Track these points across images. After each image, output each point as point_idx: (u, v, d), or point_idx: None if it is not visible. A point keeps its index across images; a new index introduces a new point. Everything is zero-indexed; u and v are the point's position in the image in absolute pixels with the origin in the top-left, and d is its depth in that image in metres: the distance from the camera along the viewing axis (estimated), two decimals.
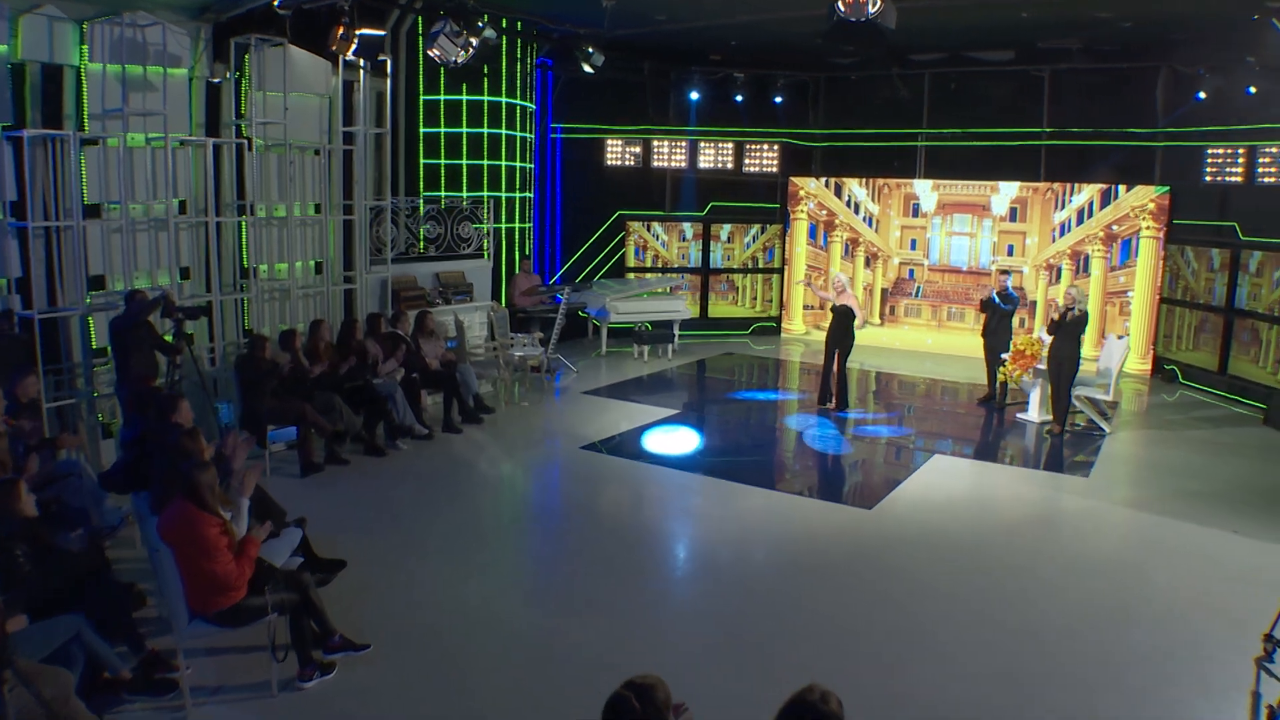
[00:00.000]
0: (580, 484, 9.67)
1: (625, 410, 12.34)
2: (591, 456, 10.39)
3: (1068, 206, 16.01)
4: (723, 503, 9.12)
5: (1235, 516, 9.08)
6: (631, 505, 9.18)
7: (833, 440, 11.42)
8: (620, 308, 15.75)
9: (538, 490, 9.66)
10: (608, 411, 12.27)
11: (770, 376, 15.51)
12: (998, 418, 12.88)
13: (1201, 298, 14.72)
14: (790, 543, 8.21)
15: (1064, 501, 9.50)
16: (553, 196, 17.90)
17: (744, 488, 9.51)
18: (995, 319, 13.02)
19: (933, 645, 6.49)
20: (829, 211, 17.71)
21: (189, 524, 5.03)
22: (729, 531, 8.44)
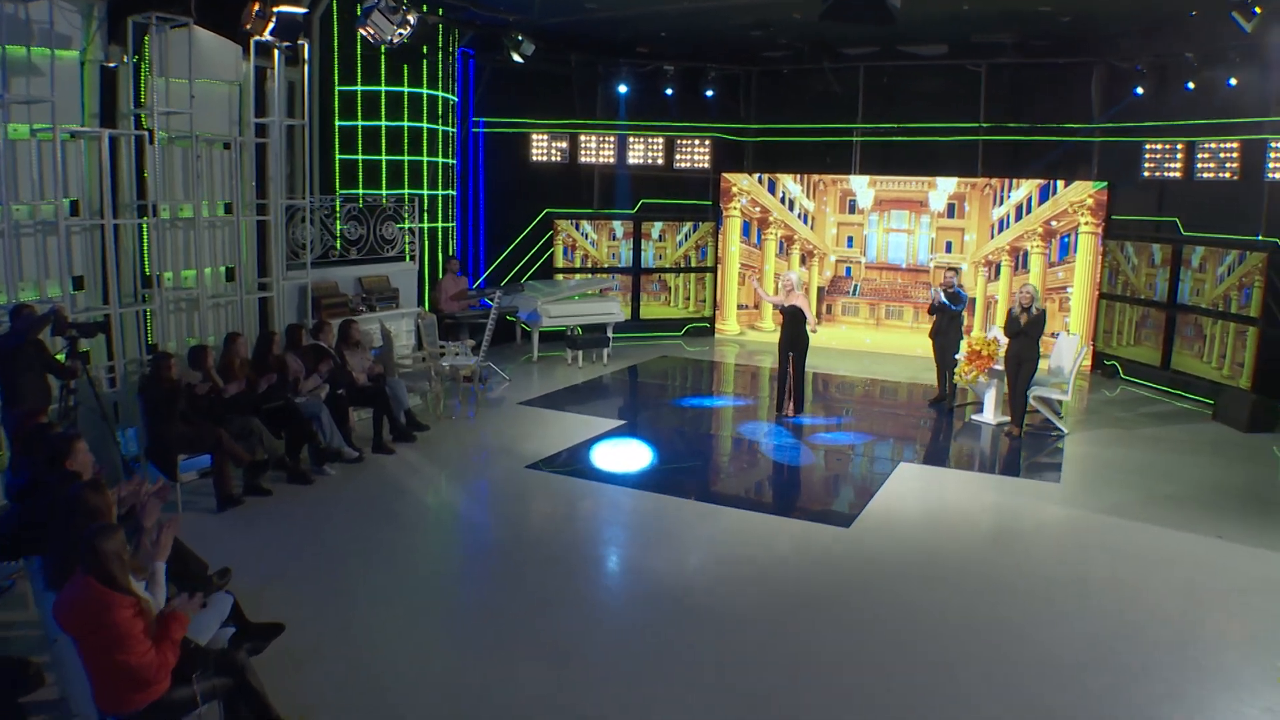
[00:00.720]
0: (529, 510, 8.75)
1: (566, 422, 11.45)
2: (538, 477, 9.46)
3: (1006, 202, 15.61)
4: (690, 526, 8.30)
5: (1216, 520, 8.74)
6: (588, 534, 8.30)
7: (792, 450, 10.70)
8: (552, 311, 14.83)
9: (483, 519, 8.67)
10: (548, 424, 11.36)
11: (711, 381, 14.76)
12: (951, 420, 12.34)
13: (1142, 293, 14.43)
14: (770, 571, 7.42)
15: (1044, 511, 8.93)
16: (476, 194, 16.87)
17: (710, 508, 8.71)
18: (945, 320, 12.46)
19: (949, 687, 5.77)
20: (763, 208, 17.04)
21: (95, 608, 3.96)
22: (701, 560, 7.63)
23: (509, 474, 9.52)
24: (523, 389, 13.14)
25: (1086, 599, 7.04)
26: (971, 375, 11.74)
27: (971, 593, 7.11)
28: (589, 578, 7.36)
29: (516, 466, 9.68)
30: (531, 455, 10.02)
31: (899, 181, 16.23)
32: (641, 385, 14.01)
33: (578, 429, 11.12)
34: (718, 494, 9.20)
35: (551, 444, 10.45)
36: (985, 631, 6.50)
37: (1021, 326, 11.07)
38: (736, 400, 13.20)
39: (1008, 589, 7.18)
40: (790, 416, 11.86)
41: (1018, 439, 11.29)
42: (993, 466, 10.56)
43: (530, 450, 10.19)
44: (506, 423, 11.40)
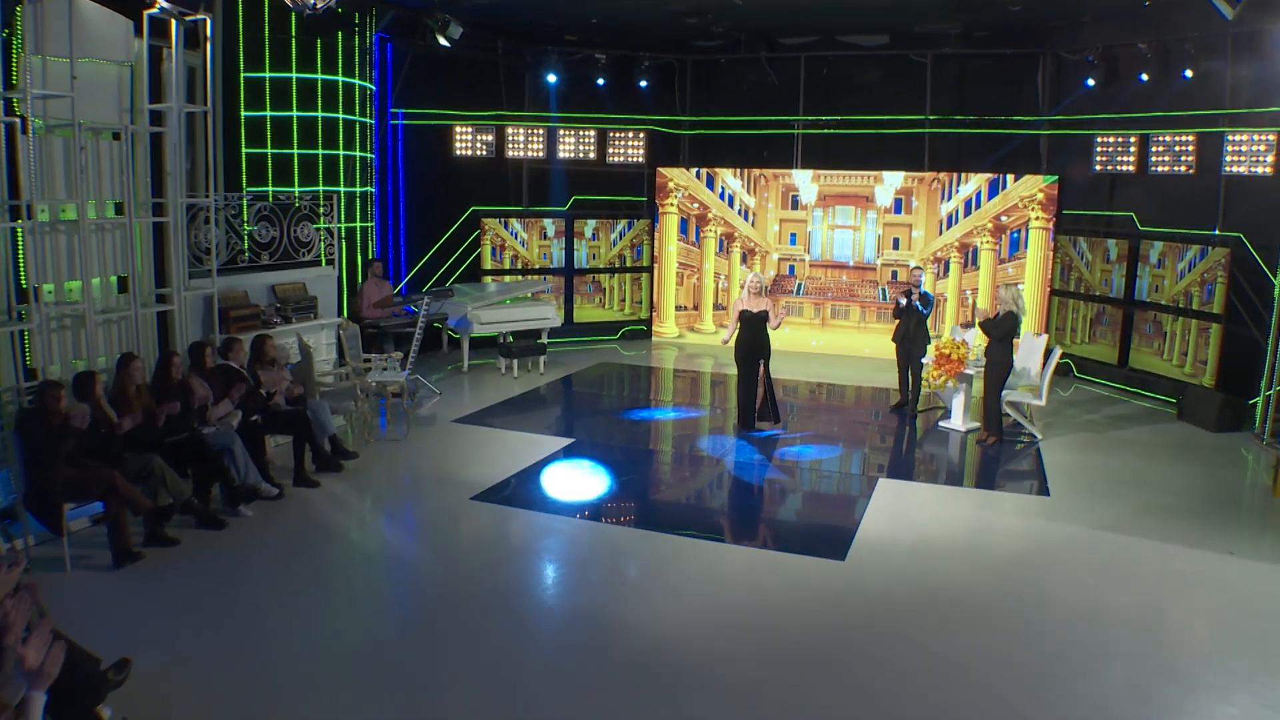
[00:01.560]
0: (478, 553, 7.55)
1: (509, 442, 10.29)
2: (484, 511, 8.29)
3: (955, 197, 14.89)
4: (664, 566, 7.24)
5: (1219, 533, 8.14)
6: (549, 581, 7.17)
7: (761, 468, 9.71)
8: (483, 317, 13.62)
9: (426, 566, 7.42)
10: (489, 445, 10.19)
11: (657, 389, 13.73)
12: (914, 426, 11.52)
13: (1097, 290, 13.83)
14: (766, 618, 6.41)
15: (1042, 530, 8.11)
16: (395, 192, 15.54)
17: (684, 543, 7.66)
18: (913, 323, 11.62)
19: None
20: (701, 205, 16.06)
21: None
22: (684, 608, 6.57)
23: (451, 508, 8.33)
24: (455, 404, 11.93)
25: (1116, 636, 6.21)
26: (941, 380, 10.92)
27: (993, 635, 6.21)
28: (555, 638, 6.25)
29: (459, 498, 8.49)
30: (475, 484, 8.84)
31: (843, 176, 15.41)
32: (584, 396, 12.91)
33: (522, 450, 9.98)
34: (690, 525, 8.14)
35: (495, 469, 9.29)
36: (1019, 681, 5.59)
37: (995, 327, 10.34)
38: (688, 411, 12.16)
39: (1031, 629, 6.29)
40: (760, 431, 10.87)
41: (993, 447, 10.51)
42: (976, 480, 9.74)
43: (473, 478, 9.02)
44: (443, 445, 10.19)
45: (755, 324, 10.74)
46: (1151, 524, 8.29)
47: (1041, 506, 8.73)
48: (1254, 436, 11.25)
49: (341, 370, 10.51)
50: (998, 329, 10.39)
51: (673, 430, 11.32)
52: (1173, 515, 8.54)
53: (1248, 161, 12.26)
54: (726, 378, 14.15)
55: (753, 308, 10.75)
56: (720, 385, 13.93)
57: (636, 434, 11.08)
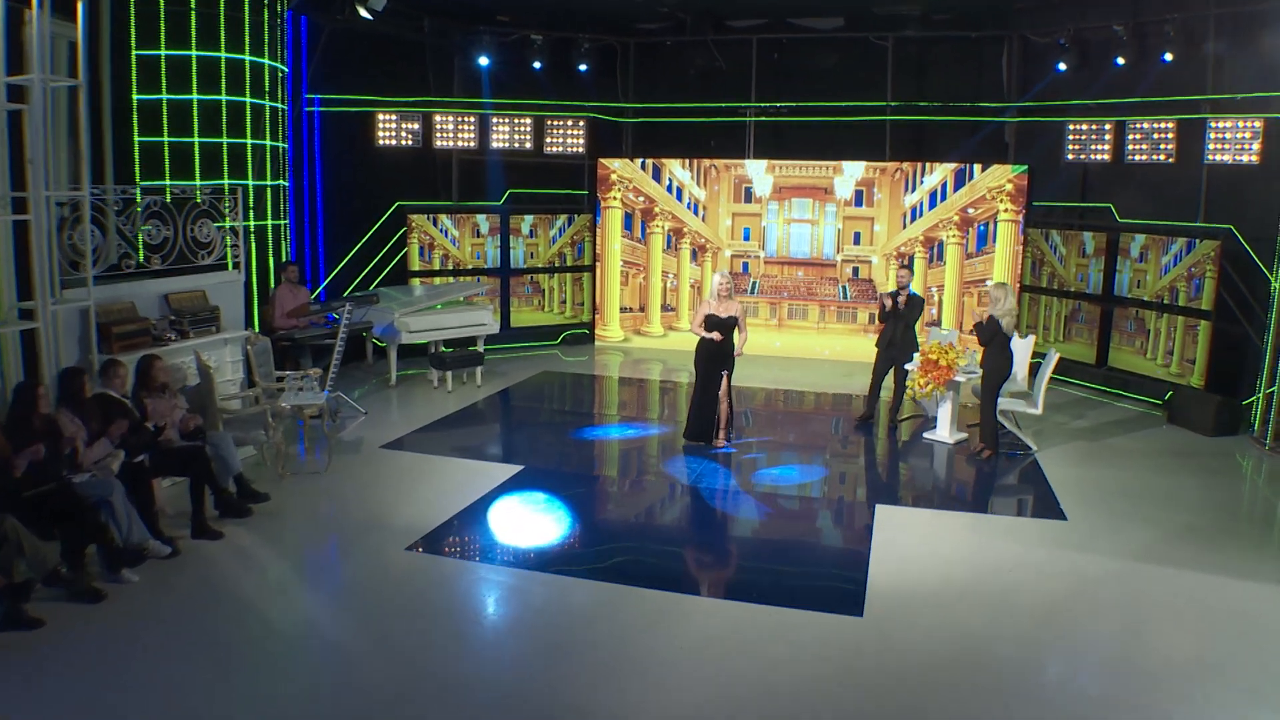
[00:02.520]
0: (421, 624, 6.06)
1: (447, 472, 8.86)
2: (423, 565, 6.84)
3: (919, 188, 13.81)
4: (654, 632, 5.90)
5: (1265, 560, 7.20)
6: (514, 660, 5.75)
7: (739, 496, 8.43)
8: (412, 325, 12.10)
9: (359, 643, 5.87)
10: (424, 476, 8.74)
11: (607, 402, 12.38)
12: (899, 440, 10.36)
13: (1072, 285, 12.87)
14: (785, 695, 5.12)
15: (1078, 564, 6.97)
16: (312, 186, 13.93)
17: (673, 599, 6.33)
18: (899, 328, 10.45)
19: None
20: (647, 198, 14.74)
21: None
22: (689, 686, 5.25)
23: (383, 562, 6.85)
24: (384, 424, 10.43)
25: (1195, 694, 5.07)
26: (929, 388, 9.77)
27: (1055, 703, 5.03)
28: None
29: (392, 549, 7.03)
30: (410, 528, 7.39)
31: (800, 167, 14.22)
32: (527, 412, 11.50)
33: (463, 482, 8.55)
34: (672, 576, 6.82)
35: (433, 508, 7.85)
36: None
37: (991, 332, 9.21)
38: (643, 428, 10.81)
39: (1095, 691, 5.12)
40: (720, 447, 9.63)
41: (989, 461, 9.40)
42: (982, 503, 8.59)
43: (407, 520, 7.56)
44: (370, 477, 8.71)
45: (723, 331, 9.47)
46: (1188, 551, 7.27)
47: (1064, 534, 7.61)
48: (1253, 440, 10.35)
49: (250, 393, 8.93)
50: (989, 333, 9.29)
51: (631, 452, 9.96)
52: (1206, 539, 7.55)
53: (1232, 150, 11.40)
54: (677, 385, 12.92)
55: (721, 312, 9.48)
56: (670, 394, 12.65)
57: (591, 458, 9.71)
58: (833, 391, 12.48)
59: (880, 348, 10.66)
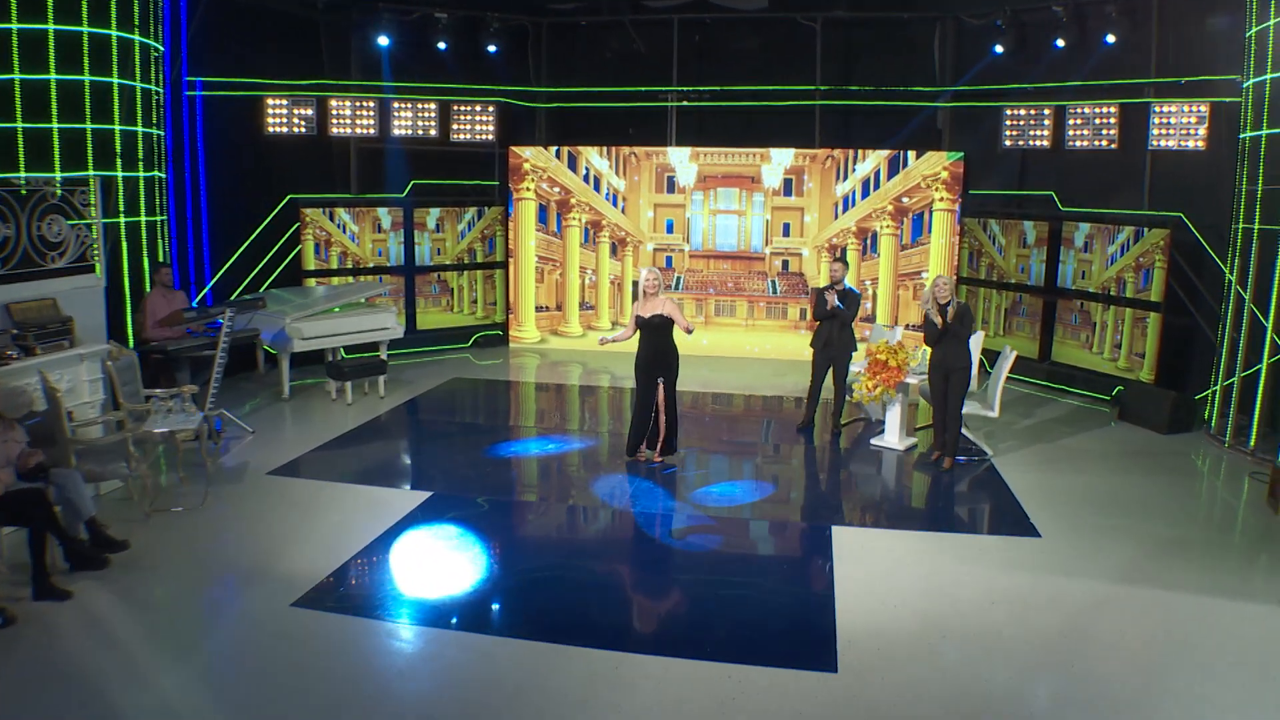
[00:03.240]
0: (313, 703, 4.99)
1: (344, 502, 7.69)
2: (313, 625, 5.68)
3: (851, 177, 13.01)
4: (595, 704, 4.88)
5: (1254, 575, 6.68)
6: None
7: (681, 523, 7.44)
8: (306, 330, 10.83)
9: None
10: (317, 508, 7.56)
11: (524, 412, 11.29)
12: (840, 448, 9.52)
13: (1012, 276, 12.22)
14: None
15: (1064, 591, 6.19)
16: (195, 178, 12.53)
17: (613, 659, 5.30)
18: (835, 326, 9.58)
19: None
20: (563, 189, 13.68)
21: None
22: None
23: (264, 624, 5.67)
24: (273, 445, 9.19)
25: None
26: (877, 392, 8.93)
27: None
28: None
29: (277, 604, 5.86)
30: (298, 577, 6.23)
31: (726, 154, 13.32)
32: (437, 427, 10.35)
33: (362, 513, 7.41)
34: (615, 629, 5.77)
35: (327, 549, 6.70)
36: None
37: (946, 327, 8.38)
38: (566, 441, 9.74)
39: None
40: (656, 462, 8.65)
41: (949, 471, 8.60)
42: (947, 520, 7.76)
43: (295, 566, 6.41)
44: (254, 512, 7.49)
45: (657, 333, 8.48)
46: (1176, 570, 6.59)
47: (1040, 554, 6.82)
48: (1210, 437, 9.78)
49: (112, 417, 7.61)
50: (964, 326, 8.47)
51: (554, 470, 8.87)
52: (1192, 554, 6.91)
53: (1177, 135, 10.84)
54: (598, 390, 11.93)
55: (645, 311, 8.48)
56: (592, 400, 11.67)
57: (510, 480, 8.58)
58: (766, 394, 11.61)
59: (816, 348, 9.78)
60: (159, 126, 11.20)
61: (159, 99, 11.16)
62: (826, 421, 9.96)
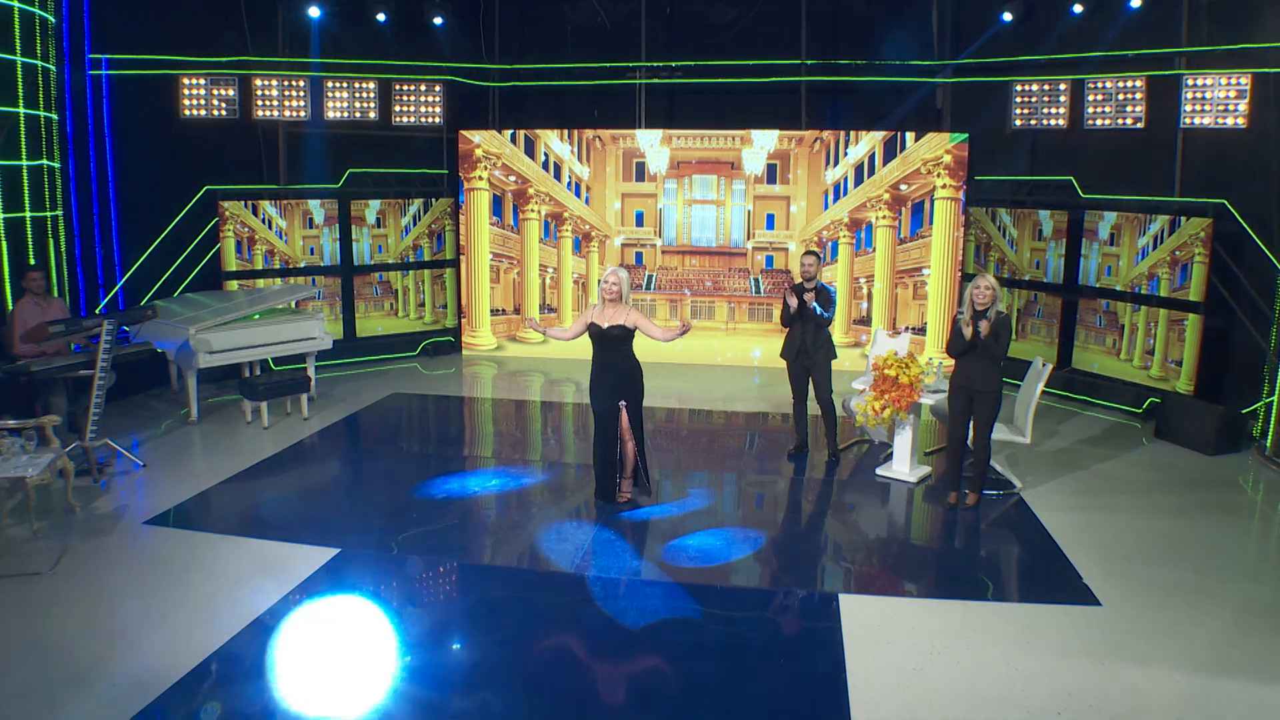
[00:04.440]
0: None
1: (225, 564, 6.10)
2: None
3: (842, 161, 11.45)
4: None
5: None
6: None
7: (650, 593, 5.82)
8: (214, 342, 9.17)
9: None
10: (189, 574, 5.95)
11: (472, 435, 9.68)
12: (833, 473, 7.97)
13: (1026, 273, 10.71)
14: None
15: (1140, 691, 4.69)
16: (102, 168, 10.87)
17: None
18: (808, 332, 7.99)
19: None
20: (520, 177, 12.05)
21: None
22: None
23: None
24: (163, 483, 7.58)
25: None
26: (886, 414, 7.38)
27: None
28: None
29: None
30: (142, 683, 4.64)
31: (702, 137, 11.73)
32: (365, 456, 8.71)
33: (247, 579, 5.84)
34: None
35: (188, 638, 5.10)
36: None
37: (976, 340, 6.80)
38: (519, 474, 8.07)
39: None
40: (628, 511, 7.08)
41: (972, 509, 7.06)
42: (981, 583, 6.14)
43: (139, 665, 4.81)
44: (113, 578, 5.87)
45: (615, 347, 6.89)
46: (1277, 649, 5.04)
47: (1104, 630, 5.32)
48: (1265, 460, 8.30)
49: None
50: (1000, 342, 6.87)
51: (498, 515, 7.22)
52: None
53: (1214, 112, 9.35)
54: (561, 406, 10.38)
55: (604, 320, 6.89)
56: (554, 417, 10.11)
57: (443, 532, 6.88)
58: (750, 409, 10.05)
59: (789, 358, 8.19)
60: (54, 110, 9.61)
61: (53, 78, 9.58)
62: (820, 442, 8.39)
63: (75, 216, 10.69)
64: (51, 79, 9.64)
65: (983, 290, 6.76)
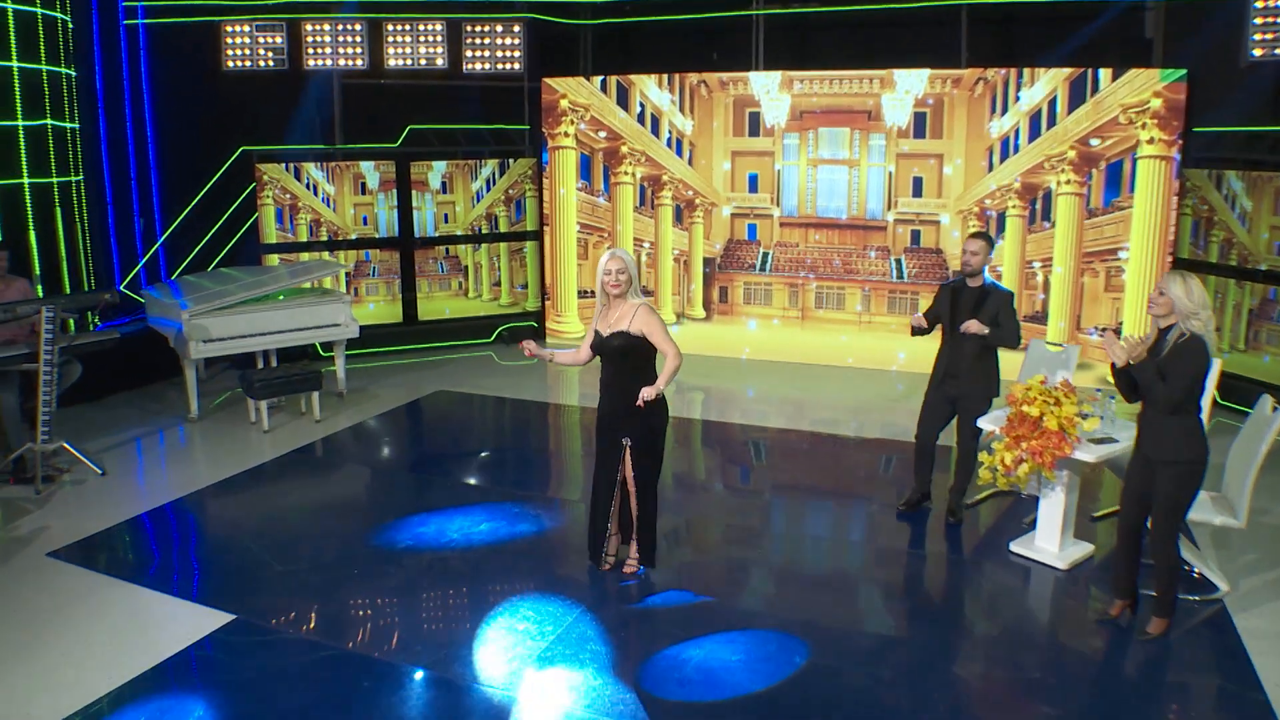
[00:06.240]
0: None
1: (96, 622, 4.99)
2: None
3: (1012, 109, 9.23)
4: None
5: None
6: None
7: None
8: (213, 329, 8.13)
9: None
10: (47, 635, 4.86)
11: (500, 451, 8.21)
12: (958, 543, 6.02)
13: (1263, 260, 8.21)
14: None
15: None
16: (138, 128, 10.14)
17: None
18: (965, 352, 5.98)
19: None
20: (611, 133, 10.48)
21: None
22: None
23: None
24: (107, 498, 6.68)
25: None
26: (1021, 470, 5.36)
27: None
28: None
29: None
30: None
31: (831, 79, 9.77)
32: (349, 477, 7.30)
33: (99, 650, 4.70)
34: None
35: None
36: None
37: (1147, 369, 4.62)
38: (521, 517, 6.42)
39: None
40: (625, 568, 5.47)
41: (1162, 638, 4.87)
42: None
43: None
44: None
45: (619, 363, 5.24)
46: None
47: None
48: None
49: None
50: (1188, 375, 4.64)
51: (454, 582, 5.56)
52: None
53: None
54: None
55: (604, 326, 5.27)
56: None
57: (370, 601, 5.36)
58: (873, 433, 8.10)
59: (932, 383, 6.25)
60: (70, 65, 8.95)
61: (72, 30, 8.96)
62: (945, 496, 6.39)
63: (107, 181, 10.01)
64: (70, 32, 8.93)
65: (1156, 297, 4.60)
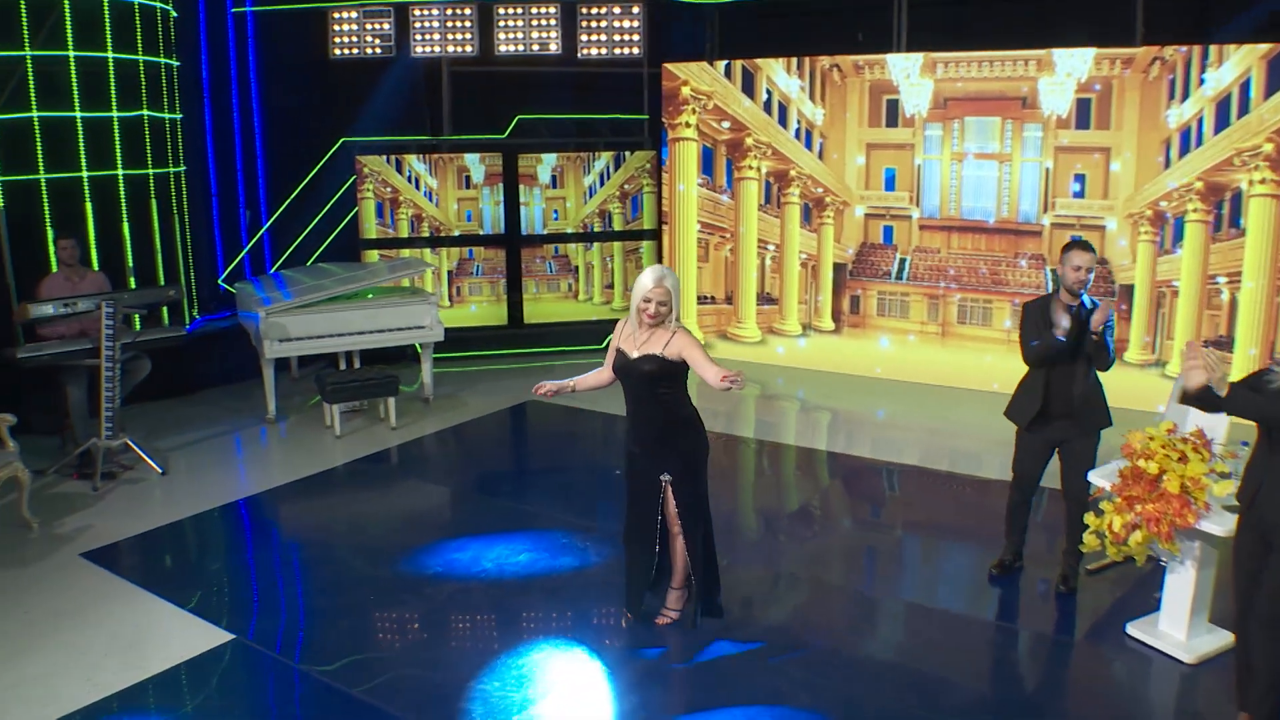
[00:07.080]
0: None
1: (98, 630, 4.86)
2: None
3: (1195, 94, 8.02)
4: None
5: None
6: None
7: None
8: (291, 328, 7.91)
9: None
10: (46, 640, 4.72)
11: (572, 473, 7.60)
12: (1071, 618, 5.08)
13: None
14: None
15: None
16: (245, 118, 10.15)
17: None
18: (1073, 383, 5.05)
19: None
20: (735, 122, 9.77)
21: None
22: None
23: None
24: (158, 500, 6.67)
25: None
26: (1134, 540, 4.42)
27: None
28: None
29: None
30: None
31: (979, 63, 8.78)
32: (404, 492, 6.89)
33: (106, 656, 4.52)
34: None
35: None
36: None
37: None
38: (566, 550, 5.79)
39: None
40: (659, 619, 4.85)
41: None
42: None
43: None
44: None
45: (650, 390, 4.60)
46: None
47: None
48: None
49: None
50: None
51: (472, 620, 5.05)
52: None
53: None
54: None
55: (634, 349, 4.64)
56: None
57: (377, 632, 4.93)
58: (1001, 473, 7.15)
59: (1021, 420, 5.26)
60: (173, 56, 9.05)
61: (175, 20, 9.03)
62: (1055, 556, 5.42)
63: (212, 172, 10.04)
64: (166, 20, 8.95)
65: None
